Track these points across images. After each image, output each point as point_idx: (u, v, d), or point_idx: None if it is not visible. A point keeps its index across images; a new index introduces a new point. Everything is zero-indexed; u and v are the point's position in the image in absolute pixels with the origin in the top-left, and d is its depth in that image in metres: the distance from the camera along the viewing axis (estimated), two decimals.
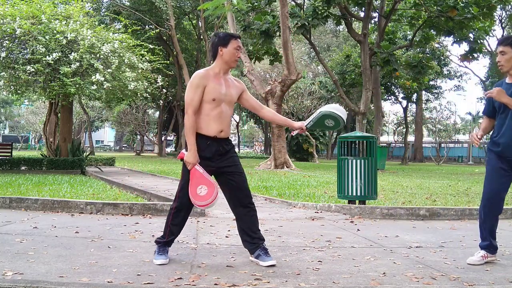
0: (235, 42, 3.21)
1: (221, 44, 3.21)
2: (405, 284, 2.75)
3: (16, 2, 11.40)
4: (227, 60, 3.21)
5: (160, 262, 3.12)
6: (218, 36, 3.26)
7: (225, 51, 3.20)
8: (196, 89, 3.14)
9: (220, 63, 3.23)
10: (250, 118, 44.00)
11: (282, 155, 16.43)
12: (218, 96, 3.16)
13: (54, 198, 5.67)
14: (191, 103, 3.14)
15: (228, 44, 3.20)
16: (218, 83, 3.19)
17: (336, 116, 3.32)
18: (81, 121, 41.14)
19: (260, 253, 3.19)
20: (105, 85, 11.05)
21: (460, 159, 41.98)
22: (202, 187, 3.12)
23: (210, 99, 3.14)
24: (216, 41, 3.24)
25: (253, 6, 18.83)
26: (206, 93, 3.14)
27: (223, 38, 3.22)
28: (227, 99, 3.23)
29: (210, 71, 3.22)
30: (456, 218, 5.56)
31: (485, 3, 16.37)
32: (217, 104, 3.17)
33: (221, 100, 3.18)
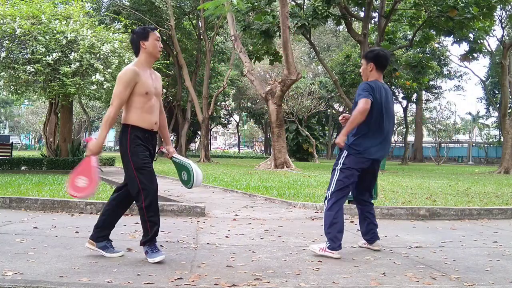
0: (154, 34, 3.27)
1: (141, 38, 3.25)
2: (405, 284, 2.75)
3: (16, 2, 11.40)
4: (151, 52, 3.26)
5: (158, 259, 3.11)
6: (136, 32, 3.30)
7: (147, 44, 3.25)
8: (128, 84, 3.14)
9: (145, 56, 3.27)
10: (250, 118, 44.02)
11: (282, 155, 16.43)
12: (149, 89, 3.21)
13: (54, 198, 5.67)
14: (120, 96, 3.14)
15: (148, 37, 3.25)
16: (147, 77, 3.23)
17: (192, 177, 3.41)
18: (81, 121, 41.17)
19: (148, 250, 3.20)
20: (105, 85, 11.04)
21: (460, 159, 41.98)
22: (83, 179, 3.12)
23: (143, 92, 3.18)
24: (135, 37, 3.28)
25: (253, 6, 18.83)
26: (138, 87, 3.16)
27: (142, 33, 3.27)
28: (156, 91, 3.30)
29: (139, 65, 3.25)
30: (456, 218, 5.56)
31: (485, 3, 16.37)
32: (149, 98, 3.22)
33: (152, 93, 3.24)
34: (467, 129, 48.59)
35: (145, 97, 3.19)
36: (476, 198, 7.32)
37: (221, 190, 8.40)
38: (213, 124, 44.11)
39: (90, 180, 3.10)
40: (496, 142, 42.11)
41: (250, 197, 7.45)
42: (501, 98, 23.92)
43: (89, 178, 3.10)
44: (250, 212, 5.72)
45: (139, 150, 3.18)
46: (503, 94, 21.71)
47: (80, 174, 3.13)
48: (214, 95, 26.67)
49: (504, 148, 18.70)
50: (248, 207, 6.25)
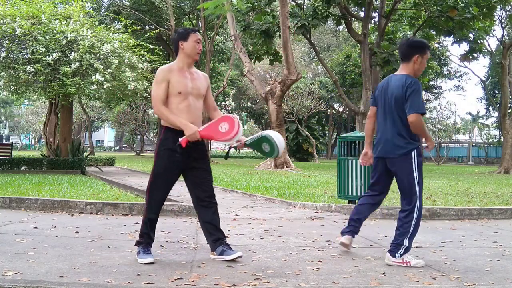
0: (194, 36, 3.27)
1: (181, 39, 3.27)
2: (405, 284, 2.75)
3: (16, 2, 11.40)
4: (189, 54, 3.27)
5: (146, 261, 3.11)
6: (177, 32, 3.33)
7: (185, 45, 3.25)
8: (160, 84, 3.18)
9: (183, 57, 3.29)
10: (250, 118, 44.00)
11: (282, 155, 16.43)
12: (184, 89, 3.20)
13: (54, 198, 5.67)
14: (157, 97, 3.18)
15: (188, 38, 3.26)
16: (183, 77, 3.23)
17: (274, 144, 3.31)
18: (81, 121, 41.13)
19: (224, 248, 3.24)
20: (105, 85, 11.04)
21: (460, 159, 41.99)
22: (224, 124, 3.13)
23: (176, 92, 3.19)
24: (176, 36, 3.31)
25: (253, 6, 18.83)
26: (171, 87, 3.18)
27: (182, 33, 3.29)
28: (194, 92, 3.28)
29: (174, 65, 3.28)
30: (456, 218, 5.56)
31: (485, 3, 16.37)
32: (184, 97, 3.21)
33: (187, 93, 3.22)
34: (467, 129, 48.59)
35: (178, 97, 3.19)
36: (476, 198, 7.32)
37: (221, 190, 8.40)
38: None
39: (228, 120, 3.12)
40: (496, 142, 42.12)
41: (250, 197, 7.45)
42: (501, 98, 23.92)
43: (226, 120, 3.13)
44: (250, 212, 5.72)
45: (165, 156, 3.20)
46: (503, 94, 21.71)
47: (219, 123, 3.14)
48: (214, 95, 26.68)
49: (504, 148, 18.71)
50: (248, 207, 6.26)
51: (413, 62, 3.34)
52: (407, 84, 3.24)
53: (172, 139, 3.20)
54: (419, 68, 3.36)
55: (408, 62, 3.36)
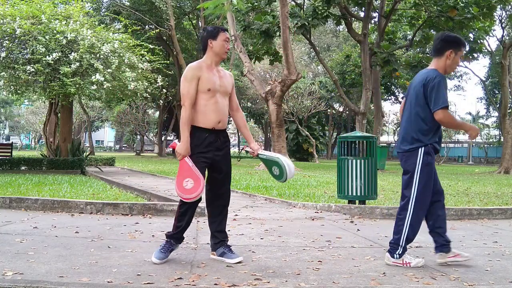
0: (223, 35, 3.29)
1: (210, 37, 3.28)
2: (405, 284, 2.75)
3: (16, 2, 11.40)
4: (218, 52, 3.28)
5: (156, 261, 3.12)
6: (206, 30, 3.34)
7: (214, 43, 3.27)
8: (191, 80, 3.19)
9: (211, 55, 3.30)
10: (250, 118, 44.00)
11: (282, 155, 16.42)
12: (213, 86, 3.22)
13: (54, 198, 5.67)
14: (188, 95, 3.18)
15: (217, 36, 3.27)
16: (211, 74, 3.25)
17: (284, 171, 3.36)
18: (81, 121, 41.14)
19: (225, 250, 3.27)
20: (105, 85, 11.04)
21: (460, 159, 41.98)
22: (188, 180, 3.14)
23: (205, 89, 3.19)
24: (205, 34, 3.31)
25: (253, 6, 18.83)
26: (201, 84, 3.19)
27: (211, 31, 3.30)
28: (222, 89, 3.29)
29: (202, 63, 3.29)
30: (456, 218, 5.56)
31: (485, 3, 16.37)
32: (213, 95, 3.22)
33: (216, 90, 3.24)
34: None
35: (207, 94, 3.20)
36: (476, 198, 7.32)
37: None
38: None
39: (195, 178, 3.14)
40: (496, 142, 42.11)
41: (250, 197, 7.45)
42: (501, 98, 23.93)
43: (193, 177, 3.14)
44: (250, 212, 5.72)
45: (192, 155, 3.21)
46: (503, 94, 21.71)
47: (185, 177, 3.15)
48: None
49: (504, 148, 18.70)
50: (248, 207, 6.26)
51: (445, 57, 3.23)
52: (427, 80, 3.15)
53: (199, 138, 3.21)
54: (451, 64, 3.25)
55: (440, 56, 3.26)
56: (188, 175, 3.15)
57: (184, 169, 3.17)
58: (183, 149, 3.17)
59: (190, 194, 3.14)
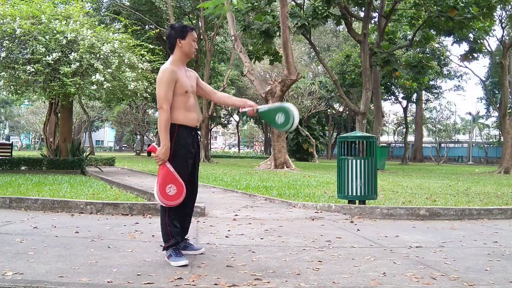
0: (192, 34, 3.25)
1: (179, 37, 3.22)
2: (405, 284, 2.75)
3: (16, 2, 11.40)
4: (187, 52, 3.24)
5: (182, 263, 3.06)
6: (175, 28, 3.25)
7: (184, 43, 3.22)
8: (170, 84, 3.13)
9: (180, 55, 3.25)
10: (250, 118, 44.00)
11: (282, 155, 16.43)
12: (188, 88, 3.22)
13: (54, 198, 5.67)
14: (166, 98, 3.11)
15: (187, 36, 3.22)
16: (184, 76, 3.23)
17: (291, 115, 3.25)
18: (81, 121, 41.15)
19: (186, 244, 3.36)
20: (105, 85, 11.04)
21: (460, 159, 41.99)
22: (171, 186, 3.10)
23: (183, 91, 3.18)
24: (174, 33, 3.23)
25: (253, 6, 18.83)
26: (178, 87, 3.16)
27: (181, 30, 3.23)
28: (192, 89, 3.31)
29: (175, 64, 3.22)
30: (456, 218, 5.56)
31: (485, 3, 16.37)
32: (189, 95, 3.23)
33: (190, 91, 3.24)
34: (467, 129, 48.60)
35: (185, 96, 3.19)
36: (476, 198, 7.32)
37: (221, 190, 8.41)
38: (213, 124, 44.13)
39: (178, 184, 3.12)
40: (496, 142, 42.13)
41: (250, 197, 7.45)
42: (501, 98, 23.92)
43: (176, 183, 3.11)
44: (250, 212, 5.72)
45: (181, 155, 3.19)
46: (503, 94, 21.71)
47: (168, 183, 3.10)
48: None
49: (504, 148, 18.70)
50: (248, 207, 6.25)
51: None
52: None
53: (186, 134, 3.21)
54: None
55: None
56: (170, 181, 3.10)
57: (166, 174, 3.11)
58: (164, 153, 3.11)
59: (173, 201, 3.11)
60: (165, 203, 3.12)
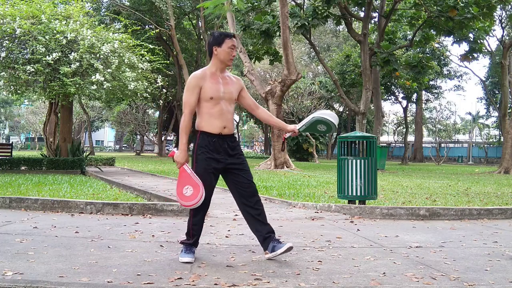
0: (229, 41, 3.25)
1: (215, 44, 3.25)
2: (405, 284, 2.75)
3: (16, 2, 11.40)
4: (222, 59, 3.26)
5: (186, 260, 3.14)
6: (213, 36, 3.31)
7: (219, 50, 3.24)
8: (193, 89, 3.20)
9: (216, 62, 3.28)
10: (250, 118, 44.03)
11: (282, 155, 16.43)
12: (215, 94, 3.21)
13: (54, 198, 5.67)
14: (188, 103, 3.20)
15: (223, 43, 3.24)
16: (215, 82, 3.24)
17: (328, 121, 3.40)
18: (81, 121, 41.16)
19: (274, 244, 3.25)
20: (105, 85, 11.04)
21: (460, 159, 41.98)
22: (188, 188, 3.15)
23: (208, 97, 3.20)
24: (211, 40, 3.29)
25: (253, 6, 18.83)
26: (203, 92, 3.20)
27: (217, 38, 3.26)
28: (226, 96, 3.27)
29: (207, 70, 3.28)
30: (456, 218, 5.56)
31: (485, 3, 16.37)
32: (216, 102, 3.22)
33: (219, 98, 3.23)
34: (467, 129, 48.61)
35: (210, 102, 3.19)
36: (476, 198, 7.32)
37: (221, 190, 8.40)
38: None
39: (194, 185, 3.14)
40: (496, 142, 42.12)
41: None
42: (501, 98, 23.92)
43: (192, 184, 3.14)
44: None
45: (202, 158, 3.21)
46: (503, 94, 21.71)
47: (184, 185, 3.16)
48: None
49: (504, 148, 18.70)
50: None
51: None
52: None
53: (207, 141, 3.21)
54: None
55: None
56: (187, 183, 3.16)
57: (183, 176, 3.19)
58: (181, 157, 3.19)
59: (189, 201, 3.14)
60: (183, 204, 3.17)
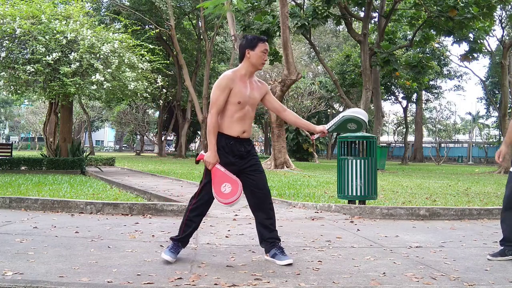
0: (262, 45, 3.23)
1: (249, 47, 3.22)
2: (405, 284, 2.75)
3: (16, 2, 11.40)
4: (254, 63, 3.23)
5: (166, 258, 3.13)
6: (246, 39, 3.28)
7: (252, 54, 3.21)
8: (223, 90, 3.15)
9: (247, 65, 3.25)
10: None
11: (282, 155, 16.43)
12: (243, 98, 3.19)
13: (54, 198, 5.67)
14: (216, 102, 3.15)
15: (256, 47, 3.21)
16: (244, 86, 3.22)
17: (359, 119, 3.36)
18: (81, 121, 41.15)
19: (276, 252, 3.23)
20: (105, 85, 11.04)
21: (460, 159, 41.98)
22: (226, 185, 3.13)
23: (236, 101, 3.17)
24: (244, 43, 3.26)
25: (253, 6, 18.83)
26: (232, 95, 3.17)
27: (251, 41, 3.23)
28: (251, 101, 3.26)
29: (237, 73, 3.24)
30: (456, 218, 5.56)
31: (485, 3, 16.37)
32: (242, 107, 3.20)
33: (246, 102, 3.21)
34: (467, 129, 48.61)
35: (236, 106, 3.18)
36: (476, 198, 7.32)
37: None
38: None
39: (232, 182, 3.13)
40: (496, 142, 42.11)
41: None
42: (501, 98, 23.92)
43: (230, 181, 3.13)
44: (250, 212, 5.68)
45: (222, 160, 3.20)
46: (503, 94, 21.71)
47: (222, 183, 3.14)
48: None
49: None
50: (248, 207, 6.24)
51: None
52: None
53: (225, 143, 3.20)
54: None
55: None
56: (224, 181, 3.13)
57: (218, 175, 3.15)
58: (211, 157, 3.16)
59: (230, 198, 3.13)
60: (223, 202, 3.15)
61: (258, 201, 3.29)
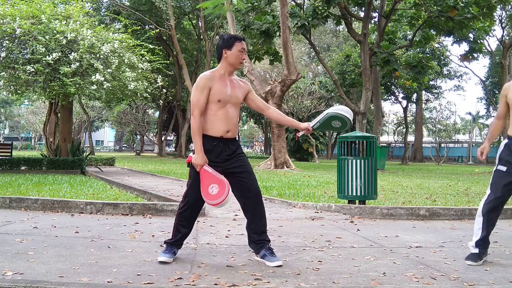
0: (239, 45, 3.22)
1: (225, 47, 3.22)
2: (405, 284, 2.75)
3: (16, 2, 11.40)
4: (232, 63, 3.23)
5: (162, 259, 3.13)
6: (223, 39, 3.27)
7: (229, 53, 3.21)
8: (202, 91, 3.15)
9: (225, 65, 3.25)
10: (250, 118, 44.01)
11: (282, 155, 16.43)
12: (223, 97, 3.18)
13: (54, 198, 5.67)
14: (197, 104, 3.15)
15: (233, 46, 3.21)
16: (223, 85, 3.21)
17: (343, 117, 3.35)
18: (81, 121, 41.14)
19: (266, 253, 3.21)
20: (105, 85, 11.04)
21: (460, 159, 41.99)
22: (213, 186, 3.12)
23: (215, 100, 3.17)
24: (221, 43, 3.26)
25: (253, 6, 18.84)
26: (211, 95, 3.17)
27: (227, 41, 3.23)
28: (233, 100, 3.25)
29: (215, 72, 3.25)
30: (456, 218, 5.56)
31: (485, 3, 16.37)
32: (223, 105, 3.19)
33: (226, 101, 3.20)
34: (467, 129, 48.62)
35: (217, 104, 3.17)
36: (476, 198, 7.31)
37: None
38: None
39: (219, 183, 3.12)
40: (496, 142, 42.08)
41: None
42: None
43: (217, 182, 3.12)
44: None
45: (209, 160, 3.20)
46: None
47: (209, 184, 3.13)
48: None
49: None
50: None
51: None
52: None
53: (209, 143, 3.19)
54: None
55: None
56: (211, 182, 3.13)
57: (206, 176, 3.15)
58: (199, 159, 3.15)
59: (217, 199, 3.12)
60: (211, 204, 3.15)
61: (248, 202, 3.27)
